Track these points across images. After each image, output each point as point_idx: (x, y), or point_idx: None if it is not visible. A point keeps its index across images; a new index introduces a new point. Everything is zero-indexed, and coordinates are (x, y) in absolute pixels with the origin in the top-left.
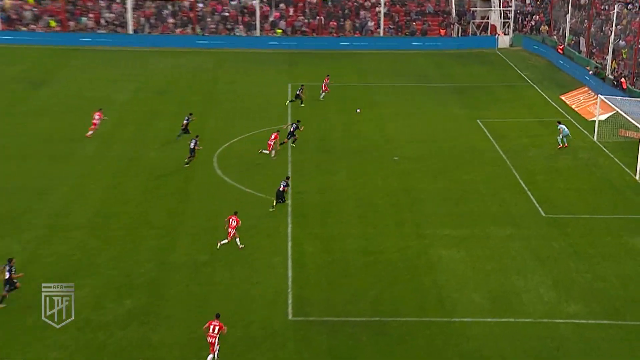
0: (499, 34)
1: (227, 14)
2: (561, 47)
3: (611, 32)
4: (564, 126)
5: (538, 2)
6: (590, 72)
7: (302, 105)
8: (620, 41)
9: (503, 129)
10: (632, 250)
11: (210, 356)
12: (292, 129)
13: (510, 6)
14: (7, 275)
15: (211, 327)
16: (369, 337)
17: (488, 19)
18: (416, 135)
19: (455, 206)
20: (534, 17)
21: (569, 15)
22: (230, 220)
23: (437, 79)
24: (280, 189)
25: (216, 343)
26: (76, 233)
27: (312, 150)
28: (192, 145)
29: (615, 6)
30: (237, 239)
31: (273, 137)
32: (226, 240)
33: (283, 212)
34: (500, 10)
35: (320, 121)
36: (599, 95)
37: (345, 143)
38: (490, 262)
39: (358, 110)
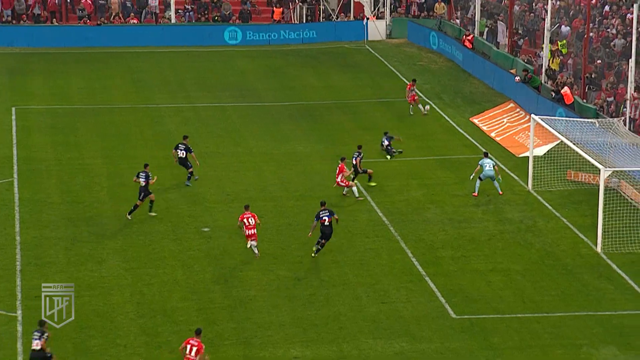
0: (369, 18)
1: None
2: (470, 37)
3: (546, 12)
4: (488, 161)
5: None
6: (517, 79)
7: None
8: (562, 26)
9: (382, 175)
10: None
11: None
12: (356, 161)
13: None
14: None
15: (188, 346)
16: None
17: None
18: (239, 188)
19: (307, 308)
20: None
21: None
22: (246, 219)
23: (271, 94)
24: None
25: None
26: None
27: (58, 219)
28: (142, 180)
29: None
30: (254, 244)
31: (338, 170)
32: (254, 242)
33: (10, 329)
34: None
35: (71, 169)
36: (532, 115)
37: (116, 206)
38: None
39: (427, 108)
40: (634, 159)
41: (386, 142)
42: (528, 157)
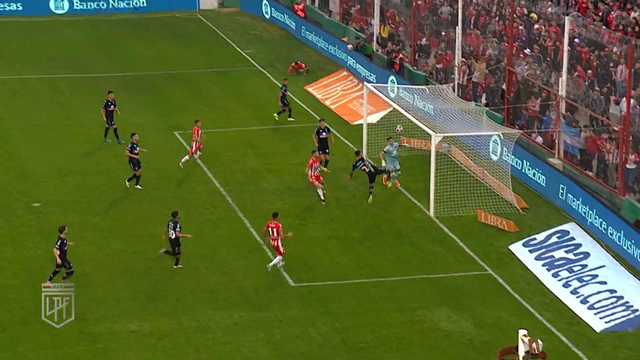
0: None
1: None
2: (301, 6)
3: None
4: (391, 147)
5: None
6: (350, 47)
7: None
8: None
9: (218, 145)
10: (430, 332)
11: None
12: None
13: None
14: (173, 235)
15: (269, 230)
16: None
17: None
18: (72, 162)
19: (144, 281)
20: None
21: None
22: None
23: (102, 65)
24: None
25: (280, 245)
26: None
27: None
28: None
29: None
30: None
31: (312, 163)
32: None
33: None
34: None
35: None
36: (365, 83)
37: None
38: None
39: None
40: (463, 124)
41: (281, 93)
42: (362, 124)
